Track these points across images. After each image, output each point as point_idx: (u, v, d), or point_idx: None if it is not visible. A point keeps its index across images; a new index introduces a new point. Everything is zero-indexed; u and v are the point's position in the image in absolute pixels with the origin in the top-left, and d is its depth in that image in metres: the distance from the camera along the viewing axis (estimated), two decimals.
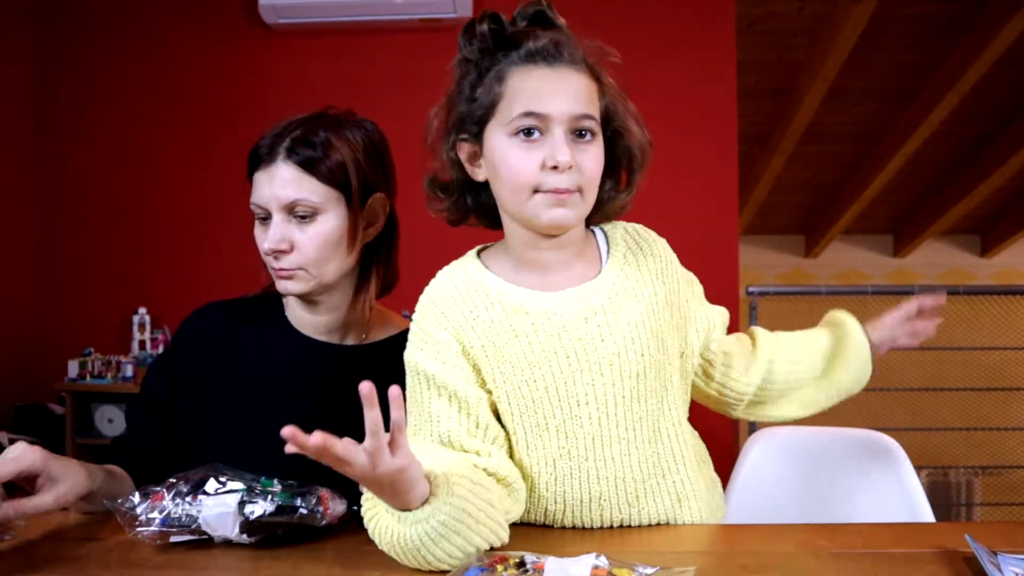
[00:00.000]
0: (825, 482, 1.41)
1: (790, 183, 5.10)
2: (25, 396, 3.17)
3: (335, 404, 1.17)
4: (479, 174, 0.98)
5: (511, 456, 0.99)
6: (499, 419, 0.99)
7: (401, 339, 1.22)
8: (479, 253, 1.04)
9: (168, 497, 0.93)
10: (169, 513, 0.92)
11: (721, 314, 1.11)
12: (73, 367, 3.08)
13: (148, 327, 3.20)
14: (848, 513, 1.38)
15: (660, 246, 1.05)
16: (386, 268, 1.21)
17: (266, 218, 1.13)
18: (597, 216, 1.03)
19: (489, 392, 0.97)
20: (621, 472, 0.98)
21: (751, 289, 2.91)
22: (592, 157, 0.94)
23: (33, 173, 3.34)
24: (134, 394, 3.10)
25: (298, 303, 1.21)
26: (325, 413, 1.17)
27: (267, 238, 1.11)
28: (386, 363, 1.20)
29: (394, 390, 0.75)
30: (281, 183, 1.09)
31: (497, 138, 0.93)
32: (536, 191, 0.91)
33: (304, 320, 1.22)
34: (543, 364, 0.95)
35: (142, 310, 3.20)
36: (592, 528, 1.01)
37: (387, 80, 3.18)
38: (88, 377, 3.08)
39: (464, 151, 0.98)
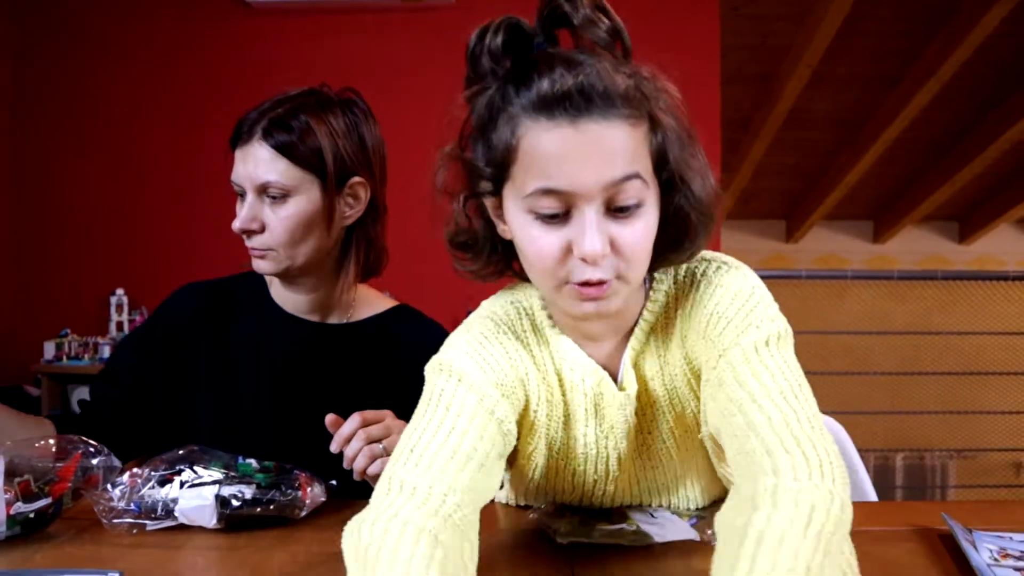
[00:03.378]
0: None
1: (772, 168, 5.12)
2: (0, 378, 3.13)
3: (318, 382, 1.17)
4: (505, 232, 0.78)
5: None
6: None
7: (384, 318, 1.22)
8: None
9: (142, 483, 0.92)
10: (144, 497, 0.91)
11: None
12: (49, 349, 3.05)
13: (126, 308, 3.16)
14: None
15: (713, 294, 0.79)
16: (368, 251, 1.20)
17: (243, 195, 1.12)
18: (659, 264, 0.81)
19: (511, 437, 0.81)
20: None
21: None
22: (637, 231, 0.72)
23: (8, 153, 3.28)
24: None
25: (280, 282, 1.20)
26: (308, 391, 1.17)
27: (239, 217, 1.11)
28: (370, 342, 1.20)
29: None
30: (255, 163, 1.09)
31: (514, 210, 0.73)
32: (564, 283, 0.73)
33: (287, 299, 1.21)
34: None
35: (120, 291, 3.16)
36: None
37: (368, 60, 3.15)
38: (65, 359, 3.04)
39: (489, 203, 0.78)
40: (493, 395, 0.78)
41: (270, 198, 1.10)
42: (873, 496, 1.24)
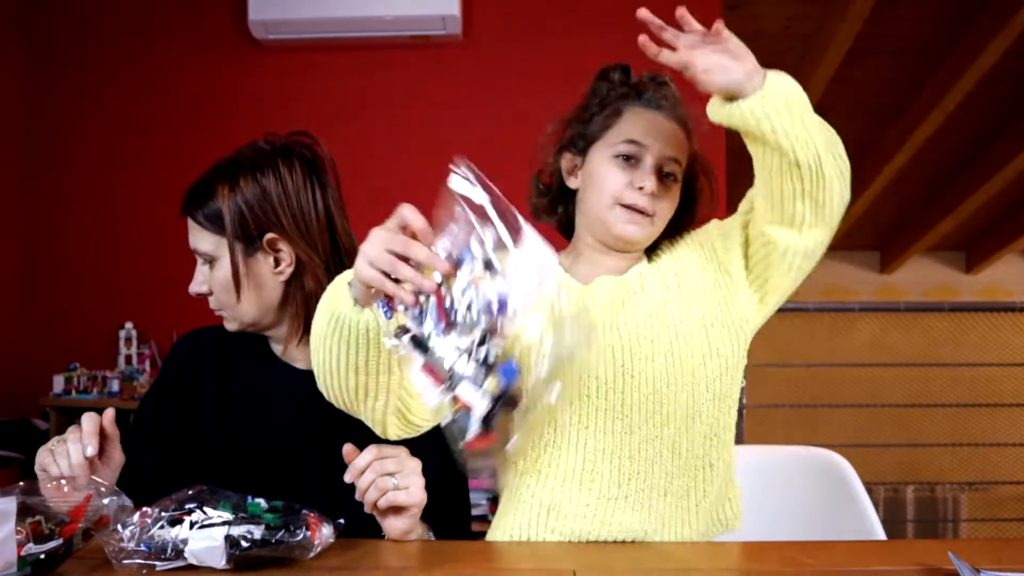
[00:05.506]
0: (775, 501, 1.40)
1: None
2: (8, 411, 3.14)
3: (313, 427, 1.18)
4: (573, 183, 1.19)
5: None
6: None
7: None
8: None
9: (152, 524, 0.92)
10: (153, 537, 0.92)
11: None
12: (58, 382, 3.06)
13: (135, 342, 3.18)
14: (800, 532, 1.35)
15: (698, 229, 1.22)
16: (308, 304, 1.16)
17: None
18: (673, 229, 1.22)
19: None
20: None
21: None
22: (669, 196, 1.15)
23: (18, 186, 3.33)
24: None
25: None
26: (309, 437, 1.18)
27: (192, 282, 1.19)
28: None
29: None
30: (190, 232, 1.18)
31: (600, 157, 1.15)
32: (617, 204, 1.12)
33: (276, 348, 1.24)
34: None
35: (128, 324, 3.18)
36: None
37: (376, 97, 3.19)
38: (74, 392, 3.05)
39: (566, 161, 1.20)
40: None
41: (206, 263, 1.17)
42: (881, 534, 1.23)
